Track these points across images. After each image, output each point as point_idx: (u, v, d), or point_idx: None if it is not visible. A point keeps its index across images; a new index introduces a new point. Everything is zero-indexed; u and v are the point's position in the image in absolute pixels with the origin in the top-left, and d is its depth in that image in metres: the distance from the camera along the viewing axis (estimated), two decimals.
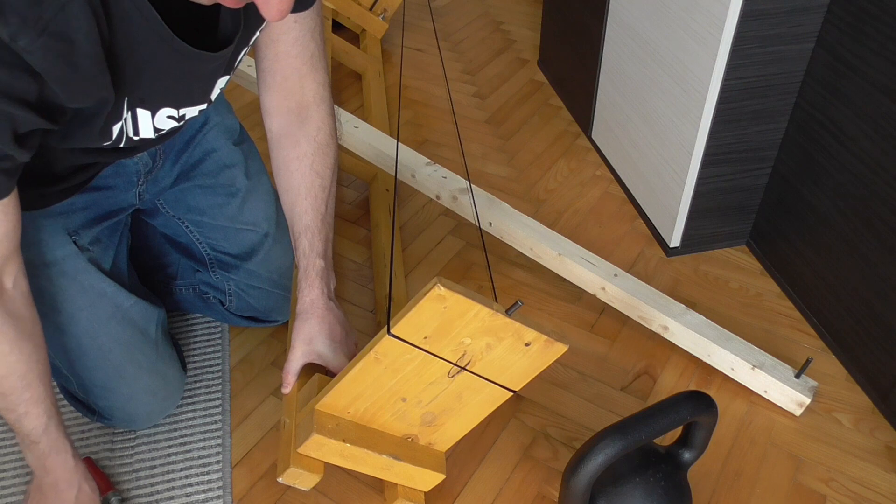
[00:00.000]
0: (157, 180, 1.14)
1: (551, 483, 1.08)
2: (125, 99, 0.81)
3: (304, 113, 1.03)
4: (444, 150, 1.77)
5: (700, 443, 0.94)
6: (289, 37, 0.97)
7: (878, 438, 1.14)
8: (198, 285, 1.27)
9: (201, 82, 0.89)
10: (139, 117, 0.85)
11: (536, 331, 0.85)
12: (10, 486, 1.06)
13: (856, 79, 1.12)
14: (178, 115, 0.90)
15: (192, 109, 0.91)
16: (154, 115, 0.87)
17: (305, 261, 1.02)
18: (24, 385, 0.85)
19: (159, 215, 1.20)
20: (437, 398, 0.92)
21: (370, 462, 0.94)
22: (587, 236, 1.51)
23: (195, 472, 1.08)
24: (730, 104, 1.25)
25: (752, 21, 1.16)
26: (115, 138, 0.85)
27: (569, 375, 1.23)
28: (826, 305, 1.27)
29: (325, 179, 1.05)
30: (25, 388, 0.85)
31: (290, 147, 1.03)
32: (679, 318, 1.20)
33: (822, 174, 1.23)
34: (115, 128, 0.84)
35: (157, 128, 0.89)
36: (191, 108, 0.91)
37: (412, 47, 2.20)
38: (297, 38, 0.98)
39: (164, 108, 0.87)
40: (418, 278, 1.41)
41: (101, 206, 1.07)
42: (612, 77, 1.61)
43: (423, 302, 0.78)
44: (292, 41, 0.98)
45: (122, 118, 0.83)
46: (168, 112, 0.88)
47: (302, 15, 0.96)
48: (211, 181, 1.18)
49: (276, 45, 0.97)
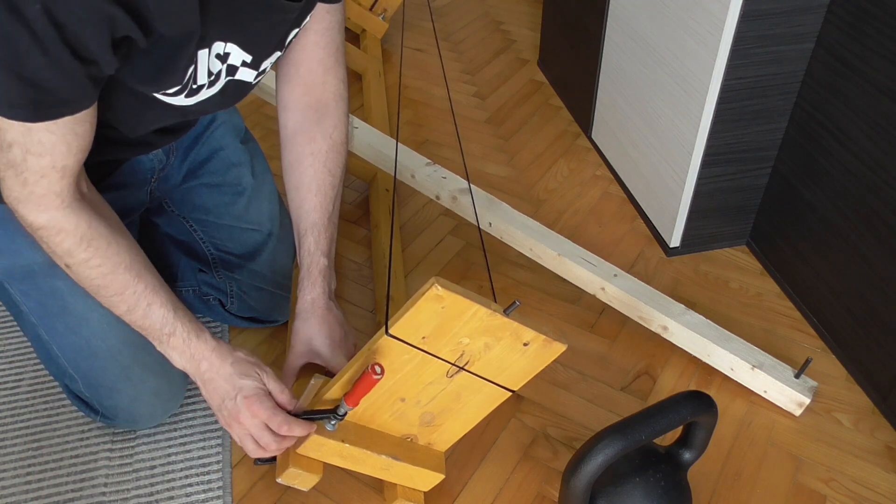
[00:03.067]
0: (167, 178, 1.14)
1: (551, 483, 1.08)
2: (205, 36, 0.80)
3: (322, 110, 1.03)
4: (444, 150, 1.77)
5: (700, 443, 0.94)
6: (319, 26, 0.97)
7: (878, 438, 1.14)
8: (198, 287, 1.27)
9: (268, 31, 0.88)
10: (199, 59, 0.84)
11: (534, 330, 0.85)
12: (10, 486, 1.06)
13: (856, 79, 1.12)
14: (223, 53, 0.87)
15: (240, 55, 0.89)
16: (210, 55, 0.85)
17: (309, 258, 1.02)
18: (134, 276, 0.87)
19: (164, 214, 1.20)
20: (436, 398, 0.92)
21: (369, 462, 0.94)
22: (587, 236, 1.51)
23: (195, 472, 1.08)
24: (730, 104, 1.25)
25: (752, 21, 1.16)
26: (186, 80, 0.84)
27: (569, 375, 1.23)
28: (826, 305, 1.27)
29: (336, 178, 1.05)
30: (137, 280, 0.87)
31: (306, 143, 1.03)
32: (678, 319, 1.20)
33: (822, 174, 1.23)
34: (189, 70, 0.83)
35: (210, 70, 0.87)
36: (239, 49, 0.88)
37: (412, 47, 2.20)
38: (326, 29, 0.98)
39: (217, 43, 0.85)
40: (418, 278, 1.41)
41: (115, 206, 1.07)
42: (612, 77, 1.61)
43: (420, 302, 0.78)
44: (322, 31, 0.98)
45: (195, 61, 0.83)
46: (217, 49, 0.85)
47: (332, 7, 0.96)
48: (218, 179, 1.18)
49: (305, 35, 0.97)
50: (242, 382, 0.91)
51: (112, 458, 1.10)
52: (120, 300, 0.87)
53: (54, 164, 0.78)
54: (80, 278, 0.86)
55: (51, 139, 0.76)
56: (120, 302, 0.88)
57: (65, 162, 0.78)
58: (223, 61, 0.87)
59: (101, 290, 0.87)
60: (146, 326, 0.90)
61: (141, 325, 0.90)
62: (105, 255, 0.84)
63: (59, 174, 0.79)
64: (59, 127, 0.75)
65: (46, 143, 0.76)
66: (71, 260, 0.84)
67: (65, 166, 0.79)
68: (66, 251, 0.83)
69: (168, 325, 0.89)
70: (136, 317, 0.89)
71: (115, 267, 0.85)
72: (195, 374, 0.93)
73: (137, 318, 0.89)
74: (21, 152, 0.76)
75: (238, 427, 0.92)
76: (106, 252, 0.84)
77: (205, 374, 0.92)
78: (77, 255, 0.83)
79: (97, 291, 0.87)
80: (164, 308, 0.89)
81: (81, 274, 0.85)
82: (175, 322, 0.90)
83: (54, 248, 0.83)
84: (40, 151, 0.76)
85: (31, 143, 0.75)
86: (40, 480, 1.07)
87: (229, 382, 0.91)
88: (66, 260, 0.84)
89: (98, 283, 0.86)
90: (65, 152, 0.78)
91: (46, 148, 0.76)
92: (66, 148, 0.78)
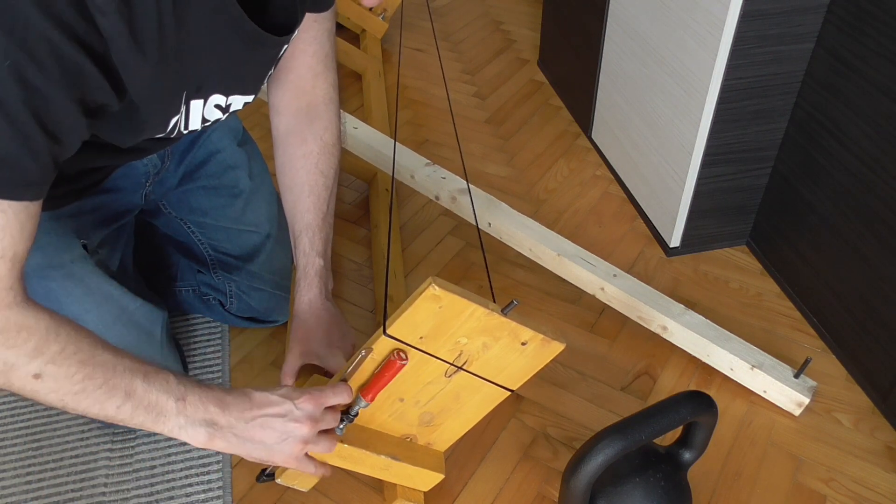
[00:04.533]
0: (163, 181, 1.14)
1: (551, 483, 1.08)
2: (184, 92, 0.79)
3: (313, 112, 1.04)
4: (444, 150, 1.77)
5: (700, 443, 0.94)
6: (307, 35, 0.98)
7: (878, 438, 1.13)
8: (198, 286, 1.27)
9: (258, 68, 0.88)
10: (191, 109, 0.83)
11: (532, 330, 0.85)
12: (10, 486, 1.06)
13: (856, 79, 1.12)
14: (224, 105, 0.87)
15: (239, 99, 0.88)
16: (206, 105, 0.84)
17: (305, 259, 1.02)
18: (114, 353, 0.73)
19: (161, 216, 1.20)
20: (435, 398, 0.92)
21: (369, 462, 0.94)
22: (587, 236, 1.51)
23: (195, 472, 1.08)
24: (730, 104, 1.25)
25: (752, 21, 1.16)
26: (169, 130, 0.82)
27: (569, 375, 1.23)
28: (826, 305, 1.27)
29: (329, 179, 1.05)
30: (119, 355, 0.74)
31: (297, 145, 1.04)
32: (678, 319, 1.20)
33: (822, 174, 1.23)
34: (173, 120, 0.81)
35: (205, 118, 0.85)
36: (240, 96, 0.88)
37: (412, 47, 2.20)
38: (315, 37, 0.98)
39: (215, 96, 0.84)
40: (418, 278, 1.41)
41: (109, 208, 1.07)
42: (612, 77, 1.61)
43: (418, 302, 0.78)
44: (310, 39, 0.98)
45: (180, 111, 0.81)
46: (217, 100, 0.85)
47: (320, 16, 0.96)
48: (215, 182, 1.18)
49: (293, 43, 0.97)
50: (282, 391, 0.81)
51: (112, 458, 1.10)
52: (112, 387, 0.72)
53: (4, 252, 0.65)
54: (59, 382, 0.70)
55: (1, 220, 0.64)
56: (113, 389, 0.72)
57: (15, 249, 0.66)
58: (224, 111, 0.88)
59: (89, 384, 0.71)
60: (153, 404, 0.74)
61: (148, 404, 0.74)
62: (78, 340, 0.71)
63: (9, 264, 0.66)
64: (12, 206, 0.65)
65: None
66: (41, 360, 0.68)
67: (15, 254, 0.67)
68: (32, 350, 0.68)
69: (175, 389, 0.76)
70: (139, 397, 0.74)
71: (92, 350, 0.71)
72: (231, 430, 0.78)
73: (140, 397, 0.74)
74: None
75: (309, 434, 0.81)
76: (77, 336, 0.71)
77: (247, 418, 0.78)
78: (48, 350, 0.69)
79: (83, 390, 0.71)
80: (161, 373, 0.76)
81: (59, 373, 0.69)
82: (179, 382, 0.76)
83: (17, 355, 0.67)
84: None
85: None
86: (40, 480, 1.07)
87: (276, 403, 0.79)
88: (33, 365, 0.68)
89: (80, 376, 0.70)
90: (17, 236, 0.66)
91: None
92: (19, 231, 0.66)
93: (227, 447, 0.78)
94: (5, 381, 0.69)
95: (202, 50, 0.76)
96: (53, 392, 0.70)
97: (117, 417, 0.73)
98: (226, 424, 0.77)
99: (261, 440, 0.79)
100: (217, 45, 0.77)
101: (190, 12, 0.71)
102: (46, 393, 0.70)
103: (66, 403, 0.71)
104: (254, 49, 0.83)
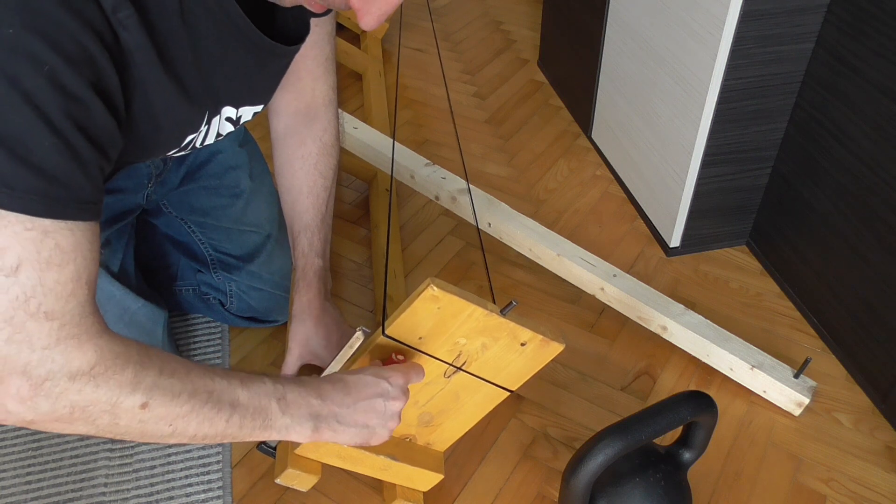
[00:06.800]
0: (164, 182, 1.14)
1: (551, 483, 1.08)
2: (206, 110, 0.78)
3: (311, 113, 1.04)
4: (444, 150, 1.77)
5: (700, 443, 0.94)
6: (308, 39, 0.97)
7: (878, 438, 1.13)
8: (198, 286, 1.27)
9: (269, 79, 0.88)
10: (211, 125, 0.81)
11: (532, 330, 0.85)
12: (10, 486, 1.06)
13: (856, 79, 1.12)
14: (235, 117, 0.86)
15: (249, 110, 0.88)
16: (220, 120, 0.83)
17: (304, 260, 1.02)
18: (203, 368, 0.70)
19: (162, 215, 1.20)
20: (434, 398, 0.92)
21: (368, 462, 0.94)
22: (587, 236, 1.51)
23: (195, 472, 1.08)
24: (730, 104, 1.25)
25: (751, 21, 1.16)
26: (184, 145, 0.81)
27: (569, 375, 1.23)
28: (826, 305, 1.27)
29: (328, 180, 1.05)
30: (209, 371, 0.69)
31: (296, 146, 1.04)
32: (678, 319, 1.20)
33: (822, 174, 1.23)
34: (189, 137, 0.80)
35: (219, 132, 0.84)
36: (250, 107, 0.87)
37: (412, 47, 2.20)
38: (314, 42, 0.98)
39: (226, 108, 0.83)
40: (418, 278, 1.41)
41: (111, 209, 1.07)
42: (612, 77, 1.61)
43: (416, 302, 0.78)
44: (310, 44, 0.98)
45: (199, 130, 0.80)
46: (228, 113, 0.83)
47: (321, 20, 0.96)
48: (216, 182, 1.18)
49: None
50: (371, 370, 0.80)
51: (112, 458, 1.10)
52: (217, 400, 0.68)
53: (79, 275, 0.60)
54: (167, 406, 0.65)
55: (71, 241, 0.59)
56: (219, 402, 0.68)
57: (89, 271, 0.62)
58: (235, 124, 0.88)
59: (195, 402, 0.67)
60: (259, 409, 0.71)
61: (254, 410, 0.71)
62: (167, 359, 0.67)
63: (86, 289, 0.62)
64: (78, 225, 0.60)
65: (67, 248, 0.59)
66: (143, 386, 0.64)
67: (90, 277, 0.62)
68: (133, 378, 0.63)
69: (274, 390, 0.73)
70: (244, 406, 0.70)
71: (184, 367, 0.67)
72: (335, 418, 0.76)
73: (245, 406, 0.70)
74: (34, 272, 0.57)
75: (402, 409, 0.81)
76: (164, 355, 0.67)
77: (348, 403, 0.77)
78: (148, 375, 0.64)
79: (191, 410, 0.66)
80: (255, 377, 0.72)
81: (165, 397, 0.65)
82: (274, 382, 0.73)
83: (120, 386, 0.63)
84: (60, 261, 0.59)
85: (46, 251, 0.58)
86: (40, 480, 1.07)
87: (372, 384, 0.78)
88: (137, 395, 0.63)
89: (186, 395, 0.66)
90: (89, 257, 0.61)
91: (68, 255, 0.59)
92: (90, 251, 0.61)
93: (333, 436, 0.77)
94: (111, 420, 0.63)
95: (216, 64, 0.75)
96: (163, 419, 0.65)
97: (227, 432, 0.69)
98: (328, 414, 0.76)
99: (364, 423, 0.78)
100: (228, 57, 0.76)
101: (200, 26, 0.70)
102: (156, 422, 0.65)
103: (175, 428, 0.67)
104: (265, 60, 0.83)
